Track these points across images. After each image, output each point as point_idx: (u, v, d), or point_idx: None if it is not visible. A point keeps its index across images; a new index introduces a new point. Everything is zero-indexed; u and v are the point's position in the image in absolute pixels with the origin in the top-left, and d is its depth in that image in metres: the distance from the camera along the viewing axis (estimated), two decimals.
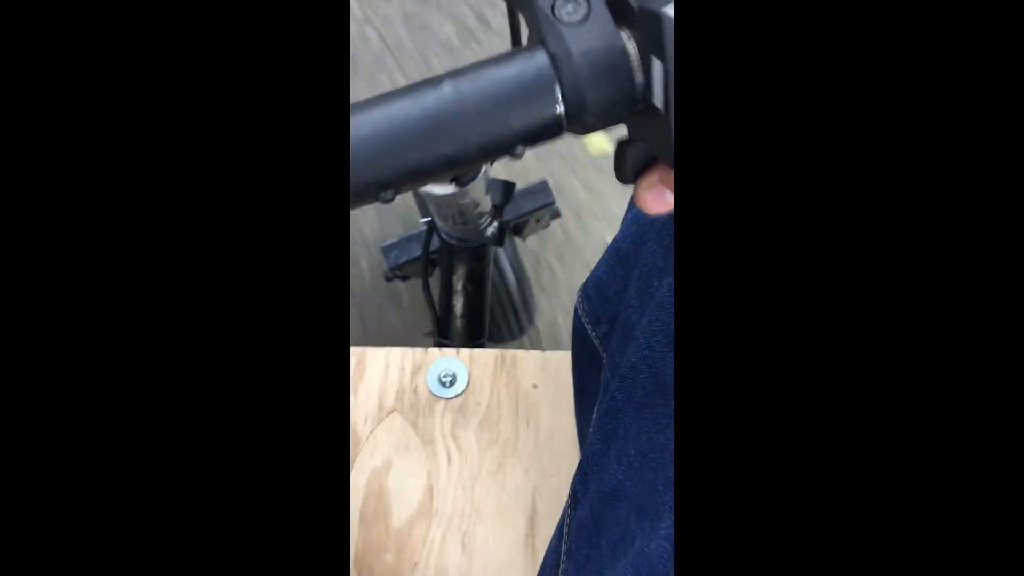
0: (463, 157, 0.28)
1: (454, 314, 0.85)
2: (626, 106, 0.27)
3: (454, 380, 0.66)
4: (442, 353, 0.67)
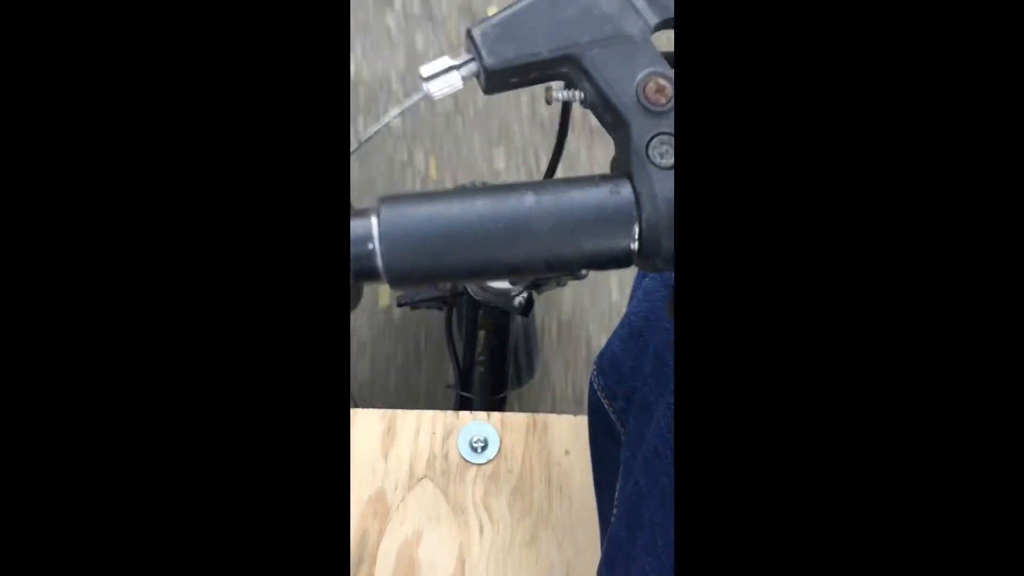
0: (527, 268, 0.28)
1: (476, 368, 0.84)
2: None
3: (486, 445, 0.64)
4: (473, 416, 0.66)
